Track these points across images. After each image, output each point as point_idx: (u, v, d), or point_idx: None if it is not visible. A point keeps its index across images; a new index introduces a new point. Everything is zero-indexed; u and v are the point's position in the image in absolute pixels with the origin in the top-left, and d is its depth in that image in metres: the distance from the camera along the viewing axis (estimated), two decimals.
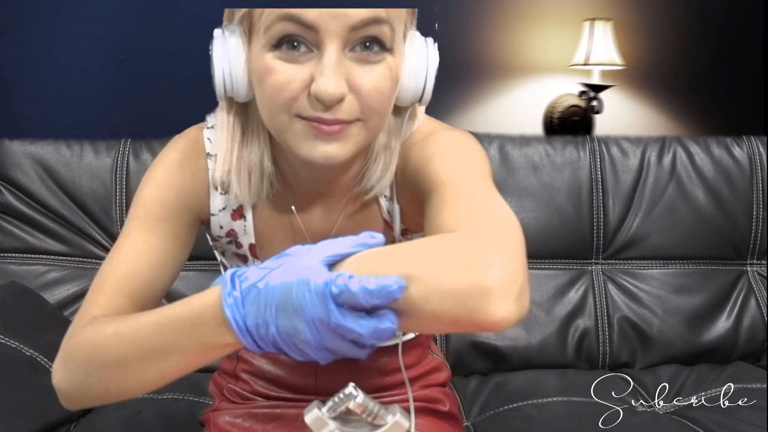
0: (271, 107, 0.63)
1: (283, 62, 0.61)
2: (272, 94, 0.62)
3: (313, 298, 0.47)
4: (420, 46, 0.67)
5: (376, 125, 0.65)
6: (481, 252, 0.51)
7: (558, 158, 1.43)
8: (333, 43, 0.60)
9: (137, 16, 2.05)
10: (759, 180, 1.44)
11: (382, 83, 0.62)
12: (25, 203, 1.36)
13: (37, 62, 2.02)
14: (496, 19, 2.29)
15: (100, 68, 2.06)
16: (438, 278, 0.49)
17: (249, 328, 0.50)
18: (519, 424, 1.15)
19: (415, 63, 0.66)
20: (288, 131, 0.63)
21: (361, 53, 0.61)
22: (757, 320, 1.41)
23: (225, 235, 0.79)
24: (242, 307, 0.50)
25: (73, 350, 0.65)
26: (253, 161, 0.71)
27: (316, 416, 0.55)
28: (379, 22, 0.60)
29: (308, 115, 0.62)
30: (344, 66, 0.61)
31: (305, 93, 0.61)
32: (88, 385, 0.62)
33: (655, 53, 2.37)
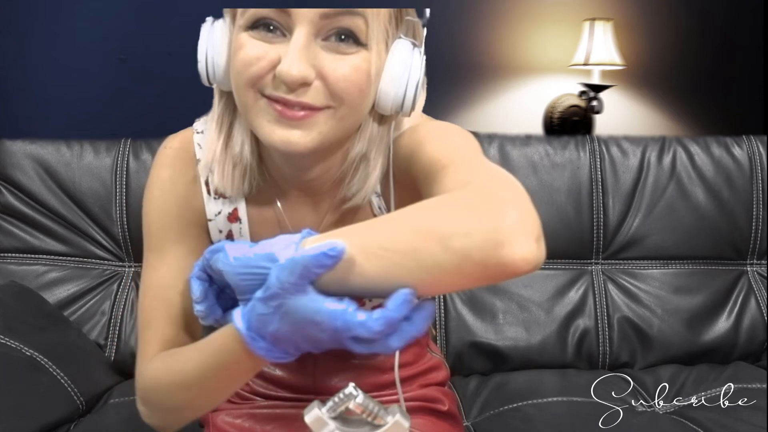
0: (238, 82, 0.64)
1: (254, 40, 0.62)
2: (240, 68, 0.63)
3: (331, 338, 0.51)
4: (404, 53, 0.66)
5: (346, 117, 0.64)
6: (495, 197, 0.51)
7: (558, 158, 1.43)
8: (304, 27, 0.60)
9: (137, 16, 2.05)
10: (759, 180, 1.44)
11: (352, 73, 0.62)
12: (25, 203, 1.36)
13: (37, 62, 2.02)
14: (496, 19, 2.29)
15: (100, 68, 2.06)
16: (457, 226, 0.48)
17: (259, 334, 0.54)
18: (519, 424, 1.15)
19: (397, 69, 0.65)
20: (252, 109, 0.64)
21: (334, 43, 0.62)
22: (757, 320, 1.41)
23: (225, 237, 0.80)
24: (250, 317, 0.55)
25: (145, 395, 0.72)
26: (236, 153, 0.72)
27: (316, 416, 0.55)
28: (352, 13, 0.61)
29: (271, 94, 0.62)
30: (312, 51, 0.61)
31: (272, 74, 0.62)
32: (168, 420, 0.71)
33: (655, 53, 2.37)
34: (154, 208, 0.76)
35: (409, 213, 0.52)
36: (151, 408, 0.72)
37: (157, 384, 0.69)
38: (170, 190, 0.76)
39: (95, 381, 1.22)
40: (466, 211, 0.50)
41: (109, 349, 1.33)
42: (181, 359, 0.67)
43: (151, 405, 0.71)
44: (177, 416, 0.70)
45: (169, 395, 0.68)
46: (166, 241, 0.74)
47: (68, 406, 1.12)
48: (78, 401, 1.14)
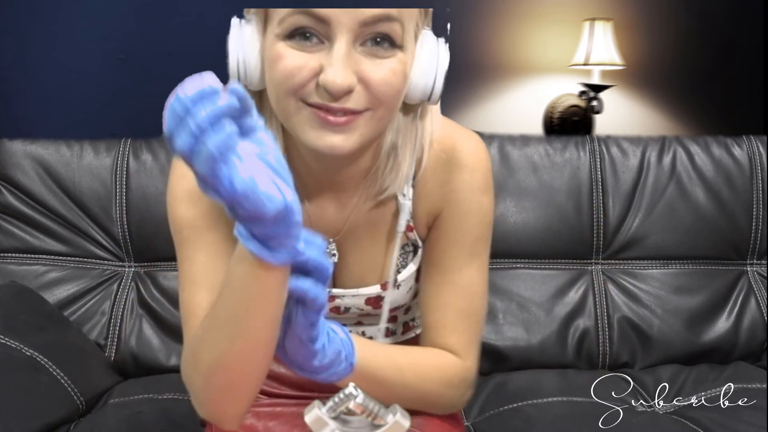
0: (278, 92, 0.65)
1: (294, 50, 0.63)
2: (281, 79, 0.64)
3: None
4: (431, 46, 0.69)
5: (384, 117, 0.67)
6: (466, 384, 0.80)
7: (558, 158, 1.43)
8: (344, 36, 0.61)
9: (137, 16, 2.05)
10: (759, 180, 1.44)
11: (391, 76, 0.64)
12: (25, 203, 1.36)
13: (37, 62, 2.02)
14: (496, 19, 2.29)
15: (100, 68, 2.06)
16: (437, 399, 0.79)
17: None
18: (519, 424, 1.15)
19: (425, 61, 0.68)
20: (295, 116, 0.65)
21: (371, 48, 0.63)
22: (757, 320, 1.41)
23: None
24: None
25: (188, 375, 0.69)
26: None
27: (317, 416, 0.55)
28: (390, 19, 0.62)
29: (315, 102, 0.63)
30: (353, 58, 0.62)
31: (314, 81, 0.63)
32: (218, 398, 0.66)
33: (655, 53, 2.37)
34: (184, 199, 0.76)
35: (406, 374, 0.72)
36: (201, 381, 0.66)
37: (195, 351, 0.66)
38: (198, 197, 0.76)
39: (95, 381, 1.22)
40: (445, 389, 0.78)
41: (109, 349, 1.33)
42: (205, 321, 0.65)
43: (195, 384, 0.67)
44: (223, 388, 0.64)
45: (205, 354, 0.63)
46: (199, 228, 0.74)
47: (68, 406, 1.12)
48: (78, 401, 1.14)
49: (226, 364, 0.62)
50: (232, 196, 0.47)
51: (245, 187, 0.47)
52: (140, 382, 1.27)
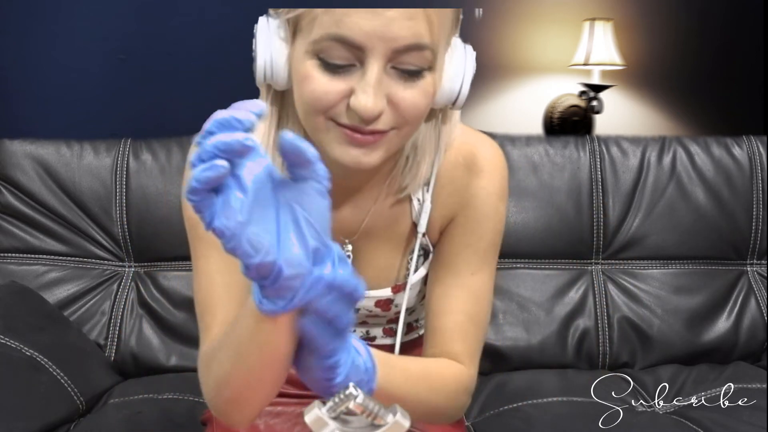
0: (306, 110, 0.65)
1: (323, 72, 0.62)
2: (309, 100, 0.64)
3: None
4: (459, 54, 0.69)
5: (409, 133, 0.68)
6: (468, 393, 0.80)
7: (558, 158, 1.43)
8: (377, 62, 0.61)
9: (137, 16, 2.05)
10: (759, 180, 1.44)
11: (420, 99, 0.64)
12: (25, 203, 1.36)
13: (37, 62, 2.02)
14: (496, 19, 2.29)
15: (100, 68, 2.06)
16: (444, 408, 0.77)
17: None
18: (519, 424, 1.15)
19: (453, 70, 0.69)
20: (322, 132, 0.66)
21: (402, 72, 0.63)
22: (757, 320, 1.41)
23: None
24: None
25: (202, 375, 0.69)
26: None
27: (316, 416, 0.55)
28: (421, 48, 0.62)
29: (344, 122, 0.64)
30: (385, 82, 0.63)
31: (344, 103, 0.63)
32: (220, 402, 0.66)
33: (655, 53, 2.37)
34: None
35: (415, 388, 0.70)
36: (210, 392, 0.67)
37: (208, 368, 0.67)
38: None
39: (95, 381, 1.22)
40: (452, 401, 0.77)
41: (109, 349, 1.33)
42: (223, 339, 0.65)
43: (206, 387, 0.68)
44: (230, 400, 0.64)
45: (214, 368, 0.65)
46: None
47: (68, 406, 1.12)
48: (78, 401, 1.14)
49: (232, 383, 0.62)
50: (210, 230, 0.46)
51: (224, 228, 0.45)
52: (140, 382, 1.27)
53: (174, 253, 1.37)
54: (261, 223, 0.46)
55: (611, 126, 2.35)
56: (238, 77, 2.07)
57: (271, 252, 0.47)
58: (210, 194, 0.45)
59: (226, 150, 0.44)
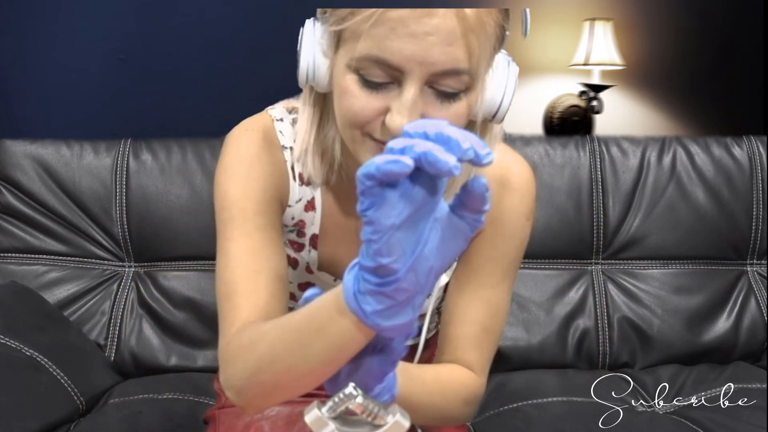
0: (344, 122, 0.67)
1: (361, 88, 0.63)
2: (347, 114, 0.65)
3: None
4: (502, 71, 0.69)
5: None
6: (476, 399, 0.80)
7: (558, 158, 1.43)
8: (414, 83, 0.62)
9: (137, 16, 2.05)
10: (759, 180, 1.44)
11: (455, 120, 0.64)
12: (25, 203, 1.36)
13: (37, 62, 2.02)
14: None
15: (100, 68, 2.06)
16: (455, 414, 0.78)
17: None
18: (519, 424, 1.15)
19: (494, 86, 0.69)
20: (357, 144, 0.67)
21: (439, 92, 0.63)
22: (757, 320, 1.41)
23: (292, 225, 0.81)
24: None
25: (235, 354, 0.65)
26: (327, 145, 0.76)
27: (316, 416, 0.55)
28: (459, 73, 0.62)
29: (378, 138, 0.65)
30: (420, 103, 0.63)
31: (379, 120, 0.64)
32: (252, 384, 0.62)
33: (655, 53, 2.37)
34: (236, 179, 0.74)
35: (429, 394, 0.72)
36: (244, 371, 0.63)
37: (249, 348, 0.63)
38: (257, 166, 0.75)
39: (95, 381, 1.22)
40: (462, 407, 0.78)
41: (109, 349, 1.33)
42: (279, 322, 0.61)
43: (233, 369, 0.64)
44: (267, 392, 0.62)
45: (255, 354, 0.61)
46: (248, 210, 0.73)
47: (68, 406, 1.12)
48: (78, 401, 1.14)
49: (278, 368, 0.60)
50: (361, 213, 0.46)
51: (376, 221, 0.46)
52: (140, 382, 1.27)
53: (174, 253, 1.37)
54: (408, 233, 0.47)
55: (611, 126, 2.35)
56: (238, 77, 2.08)
57: (401, 261, 0.47)
58: (380, 184, 0.45)
59: (430, 162, 0.44)
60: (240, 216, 0.73)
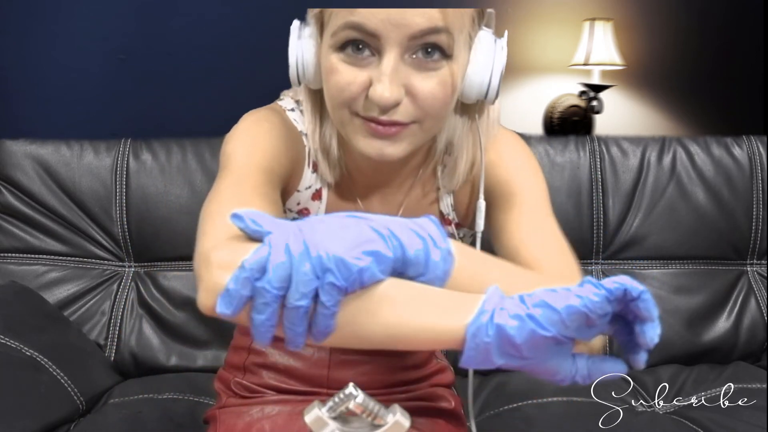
0: (333, 103, 0.68)
1: (346, 64, 0.65)
2: (334, 92, 0.66)
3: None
4: (487, 46, 0.69)
5: (432, 127, 0.69)
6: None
7: (558, 158, 1.43)
8: (393, 50, 0.63)
9: (137, 16, 2.05)
10: (759, 180, 1.44)
11: (438, 89, 0.65)
12: (25, 203, 1.36)
13: (37, 62, 2.02)
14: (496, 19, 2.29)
15: (100, 68, 2.06)
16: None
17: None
18: (519, 424, 1.15)
19: (481, 61, 0.69)
20: (348, 126, 0.68)
21: (421, 59, 0.64)
22: (757, 320, 1.41)
23: (296, 212, 0.81)
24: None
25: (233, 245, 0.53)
26: (326, 142, 0.77)
27: (316, 416, 0.55)
28: (437, 31, 0.63)
29: (365, 115, 0.66)
30: (402, 72, 0.64)
31: (364, 94, 0.65)
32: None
33: (655, 53, 2.37)
34: (242, 143, 0.70)
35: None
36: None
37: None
38: (268, 136, 0.72)
39: (95, 381, 1.22)
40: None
41: (109, 349, 1.33)
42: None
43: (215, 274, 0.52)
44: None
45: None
46: (248, 168, 0.67)
47: (68, 406, 1.12)
48: (78, 401, 1.14)
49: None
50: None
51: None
52: (140, 382, 1.28)
53: (174, 253, 1.37)
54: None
55: (611, 126, 2.35)
56: (238, 77, 2.08)
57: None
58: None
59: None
60: (237, 172, 0.67)
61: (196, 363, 1.33)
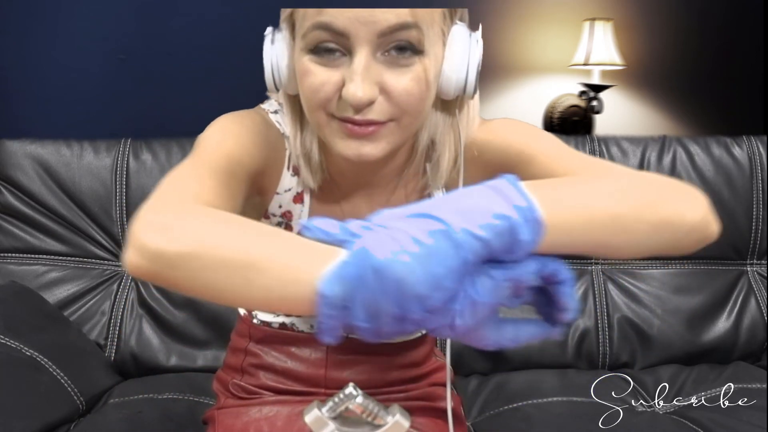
0: (309, 106, 0.67)
1: (318, 65, 0.64)
2: (309, 94, 0.66)
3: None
4: (461, 40, 0.69)
5: (410, 124, 0.68)
6: (669, 182, 0.64)
7: None
8: (363, 48, 0.62)
9: (137, 16, 2.05)
10: (759, 180, 1.44)
11: (413, 86, 0.65)
12: (25, 203, 1.36)
13: (37, 62, 2.02)
14: (496, 19, 2.29)
15: (100, 68, 2.06)
16: (657, 197, 0.59)
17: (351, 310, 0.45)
18: (519, 424, 1.15)
19: (457, 56, 0.68)
20: (325, 128, 0.67)
21: (393, 56, 0.64)
22: (757, 320, 1.41)
23: (280, 215, 0.81)
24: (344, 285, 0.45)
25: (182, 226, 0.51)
26: (308, 150, 0.76)
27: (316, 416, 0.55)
28: (407, 27, 0.62)
29: (341, 115, 0.65)
30: (375, 70, 0.63)
31: (338, 95, 0.64)
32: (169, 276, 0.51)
33: (655, 53, 2.37)
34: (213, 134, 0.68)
35: (603, 185, 0.57)
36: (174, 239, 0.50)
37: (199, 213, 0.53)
38: (243, 131, 0.70)
39: (95, 381, 1.22)
40: (658, 187, 0.62)
41: (109, 349, 1.33)
42: (236, 227, 0.51)
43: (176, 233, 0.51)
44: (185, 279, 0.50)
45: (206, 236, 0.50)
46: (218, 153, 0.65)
47: (68, 406, 1.12)
48: (78, 401, 1.14)
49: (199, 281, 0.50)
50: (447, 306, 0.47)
51: (461, 317, 0.48)
52: (140, 382, 1.28)
53: None
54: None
55: (611, 126, 2.35)
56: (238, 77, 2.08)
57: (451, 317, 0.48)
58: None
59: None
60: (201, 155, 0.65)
61: (196, 363, 1.33)
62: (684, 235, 0.60)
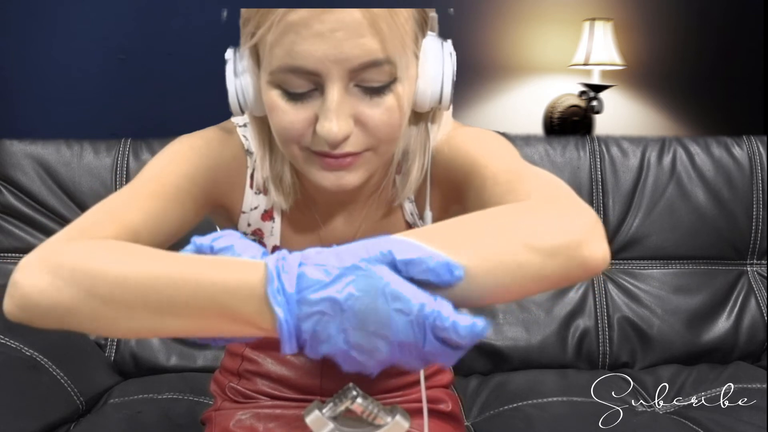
0: (281, 140, 0.65)
1: (287, 102, 0.61)
2: (279, 130, 0.63)
3: (408, 328, 0.45)
4: (435, 53, 0.66)
5: (387, 151, 0.66)
6: (566, 205, 0.58)
7: (558, 158, 1.43)
8: (335, 84, 0.59)
9: (137, 16, 2.05)
10: (759, 180, 1.44)
11: (389, 115, 0.62)
12: (25, 203, 1.36)
13: (37, 62, 2.02)
14: (496, 19, 2.29)
15: (100, 68, 2.06)
16: (538, 241, 0.51)
17: (301, 335, 0.47)
18: (519, 424, 1.15)
19: (431, 71, 0.66)
20: (299, 159, 0.65)
21: (366, 87, 0.61)
22: (757, 320, 1.41)
23: (251, 233, 0.79)
24: (296, 310, 0.46)
25: (71, 266, 0.53)
26: (278, 169, 0.73)
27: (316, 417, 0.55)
28: (378, 64, 0.59)
29: (316, 150, 0.63)
30: (348, 103, 0.61)
31: (311, 129, 0.62)
32: (74, 312, 0.52)
33: (655, 53, 2.37)
34: (162, 157, 0.69)
35: (492, 217, 0.53)
36: (63, 285, 0.52)
37: (100, 266, 0.52)
38: (204, 155, 0.71)
39: (95, 381, 1.22)
40: (547, 217, 0.54)
41: (109, 349, 1.33)
42: (156, 263, 0.51)
43: (66, 282, 0.52)
44: (83, 317, 0.52)
45: (102, 291, 0.50)
46: (166, 185, 0.66)
47: (68, 406, 1.12)
48: (78, 401, 1.14)
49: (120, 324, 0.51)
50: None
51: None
52: (140, 382, 1.28)
53: None
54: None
55: (611, 126, 2.35)
56: None
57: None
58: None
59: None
60: (140, 179, 0.67)
61: (196, 363, 1.33)
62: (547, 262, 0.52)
